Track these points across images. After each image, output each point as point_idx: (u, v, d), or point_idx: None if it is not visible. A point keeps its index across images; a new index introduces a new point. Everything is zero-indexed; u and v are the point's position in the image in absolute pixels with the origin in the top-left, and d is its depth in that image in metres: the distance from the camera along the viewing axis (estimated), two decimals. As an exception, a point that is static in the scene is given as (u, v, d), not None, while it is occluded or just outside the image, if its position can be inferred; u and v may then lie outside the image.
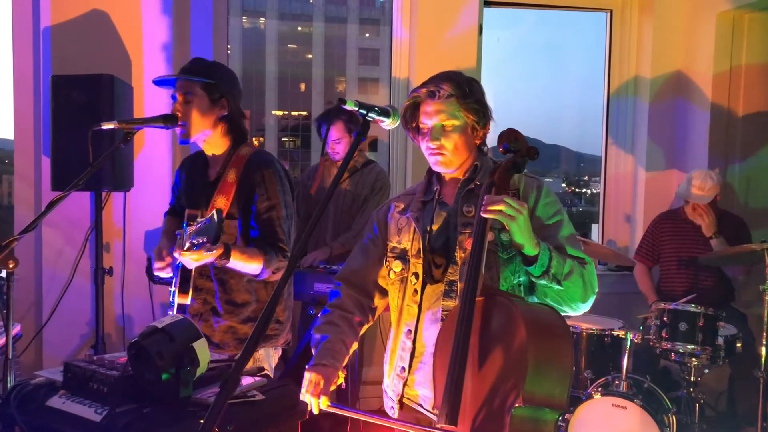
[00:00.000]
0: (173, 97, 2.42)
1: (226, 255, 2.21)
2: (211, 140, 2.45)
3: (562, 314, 1.81)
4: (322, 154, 3.92)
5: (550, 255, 1.76)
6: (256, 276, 2.34)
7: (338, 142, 3.80)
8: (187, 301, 2.34)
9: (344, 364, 1.97)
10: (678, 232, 4.01)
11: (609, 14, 4.81)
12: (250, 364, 2.31)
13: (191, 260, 2.15)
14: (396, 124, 1.77)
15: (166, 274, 2.34)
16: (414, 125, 1.99)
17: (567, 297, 1.83)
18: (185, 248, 2.10)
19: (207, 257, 2.14)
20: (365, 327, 2.10)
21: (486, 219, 1.72)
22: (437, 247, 1.93)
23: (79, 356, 3.85)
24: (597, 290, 1.89)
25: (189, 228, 2.19)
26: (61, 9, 3.79)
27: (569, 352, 1.65)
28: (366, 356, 4.12)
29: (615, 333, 3.54)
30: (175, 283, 2.35)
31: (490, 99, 2.01)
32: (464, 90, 1.92)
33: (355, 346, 2.05)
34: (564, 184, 22.04)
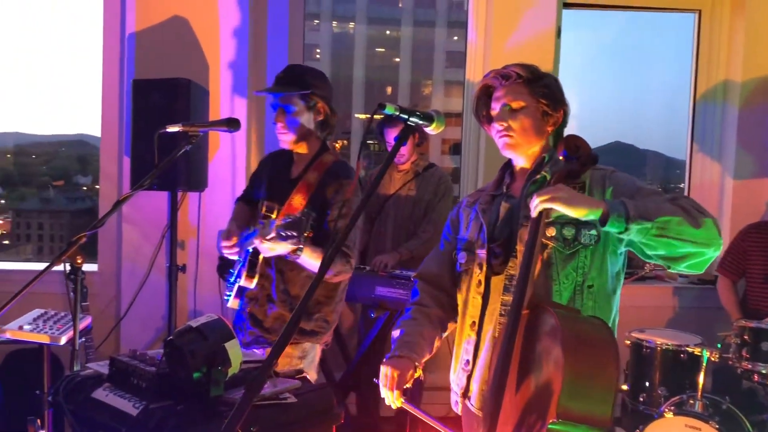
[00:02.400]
0: (273, 106, 2.59)
1: (300, 251, 2.32)
2: (306, 142, 2.61)
3: (707, 257, 1.68)
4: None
5: (621, 200, 1.66)
6: None
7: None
8: (252, 284, 2.47)
9: (423, 358, 1.99)
10: (767, 245, 3.76)
11: (697, 14, 4.57)
12: (291, 361, 2.37)
13: (268, 249, 2.28)
14: (441, 129, 1.72)
15: (229, 252, 2.49)
16: (485, 113, 2.02)
17: (677, 232, 1.63)
18: (269, 237, 2.20)
19: (283, 249, 2.27)
20: (450, 324, 2.10)
21: (536, 226, 1.71)
22: (500, 238, 1.92)
23: (154, 349, 4.00)
24: (713, 217, 1.68)
25: (277, 220, 2.28)
26: (145, 15, 3.95)
27: (613, 368, 1.57)
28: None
29: (690, 350, 3.37)
30: (243, 266, 2.48)
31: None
32: (533, 74, 1.93)
33: (438, 342, 2.06)
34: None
